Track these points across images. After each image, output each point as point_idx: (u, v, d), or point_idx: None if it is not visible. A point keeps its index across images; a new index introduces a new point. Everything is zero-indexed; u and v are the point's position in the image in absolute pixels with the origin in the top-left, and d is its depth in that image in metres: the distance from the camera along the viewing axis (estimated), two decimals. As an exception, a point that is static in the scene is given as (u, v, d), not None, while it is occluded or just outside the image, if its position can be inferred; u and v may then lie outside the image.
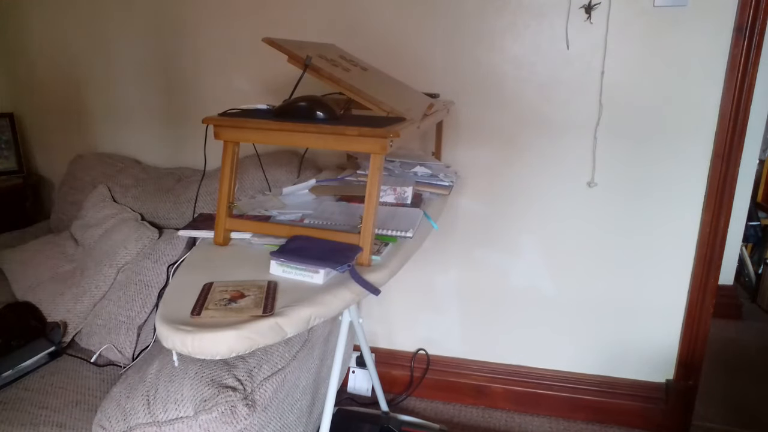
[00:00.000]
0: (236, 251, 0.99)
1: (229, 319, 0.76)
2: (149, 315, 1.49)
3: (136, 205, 1.75)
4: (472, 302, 1.85)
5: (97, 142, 2.08)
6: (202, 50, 1.85)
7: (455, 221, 1.78)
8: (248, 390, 1.05)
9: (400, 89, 1.27)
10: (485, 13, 1.58)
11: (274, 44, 1.01)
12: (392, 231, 1.04)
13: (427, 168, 1.39)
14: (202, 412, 0.98)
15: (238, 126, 0.95)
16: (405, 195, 1.21)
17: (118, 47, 1.93)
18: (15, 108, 2.11)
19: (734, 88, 1.47)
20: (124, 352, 1.47)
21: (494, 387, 1.88)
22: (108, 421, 1.02)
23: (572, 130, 1.61)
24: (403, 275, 1.88)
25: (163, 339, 0.75)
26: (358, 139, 0.88)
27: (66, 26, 1.95)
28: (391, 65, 1.69)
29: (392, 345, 1.97)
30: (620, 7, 1.49)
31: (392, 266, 0.94)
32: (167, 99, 1.95)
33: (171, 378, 1.04)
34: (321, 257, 0.87)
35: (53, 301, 1.57)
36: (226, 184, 1.00)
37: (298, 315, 0.78)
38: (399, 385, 1.96)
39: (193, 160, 1.99)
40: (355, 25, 1.68)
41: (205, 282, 0.87)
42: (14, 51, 2.05)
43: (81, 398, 1.33)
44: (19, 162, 2.09)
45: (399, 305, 1.92)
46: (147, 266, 1.51)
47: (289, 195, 1.27)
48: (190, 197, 1.67)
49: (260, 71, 1.81)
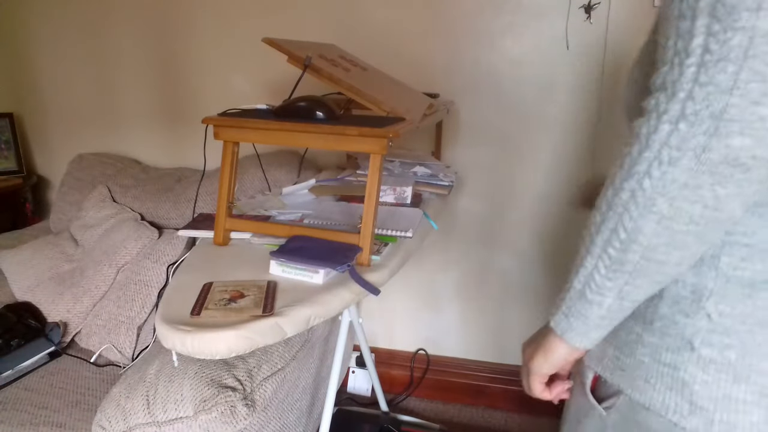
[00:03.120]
0: (236, 251, 0.99)
1: (229, 319, 0.76)
2: (149, 315, 1.49)
3: (136, 205, 1.74)
4: (472, 302, 1.85)
5: (97, 142, 2.08)
6: (202, 50, 1.85)
7: (455, 221, 1.78)
8: (248, 390, 1.05)
9: (400, 89, 1.27)
10: (485, 13, 1.58)
11: (274, 44, 1.01)
12: (392, 231, 1.04)
13: (427, 168, 1.39)
14: (201, 412, 0.98)
15: (238, 126, 0.95)
16: (405, 195, 1.21)
17: (118, 47, 1.93)
18: (15, 108, 2.11)
19: (734, 88, 1.47)
20: (124, 352, 1.47)
21: (494, 387, 1.88)
22: (108, 421, 1.02)
23: (572, 130, 1.61)
24: (403, 275, 1.88)
25: (163, 339, 0.75)
26: (358, 139, 0.88)
27: (66, 26, 1.95)
28: (391, 65, 1.69)
29: (392, 345, 1.97)
30: (620, 7, 1.49)
31: (392, 266, 0.94)
32: (167, 99, 1.95)
33: (171, 378, 1.03)
34: (321, 257, 0.87)
35: (53, 301, 1.57)
36: (226, 184, 1.00)
37: (297, 315, 0.78)
38: (399, 385, 1.96)
39: (193, 160, 1.99)
40: (355, 25, 1.68)
41: (205, 282, 0.86)
42: (14, 51, 2.05)
43: (81, 398, 1.33)
44: (19, 162, 2.09)
45: (399, 305, 1.92)
46: (147, 266, 1.50)
47: (289, 195, 1.27)
48: (190, 197, 1.67)
49: (260, 71, 1.81)
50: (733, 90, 0.39)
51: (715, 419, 0.49)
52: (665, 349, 0.52)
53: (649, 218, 0.45)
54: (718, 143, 0.40)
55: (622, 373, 0.56)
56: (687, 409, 0.50)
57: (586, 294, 0.52)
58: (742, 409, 0.48)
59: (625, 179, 0.46)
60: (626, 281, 0.49)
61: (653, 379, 0.53)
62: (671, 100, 0.42)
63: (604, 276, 0.50)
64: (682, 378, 0.51)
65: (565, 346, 0.56)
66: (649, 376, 0.53)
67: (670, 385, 0.51)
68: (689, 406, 0.50)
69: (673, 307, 0.52)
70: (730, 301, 0.49)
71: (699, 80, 0.40)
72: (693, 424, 0.50)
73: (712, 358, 0.49)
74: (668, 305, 0.52)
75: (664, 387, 0.52)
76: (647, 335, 0.54)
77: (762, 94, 0.38)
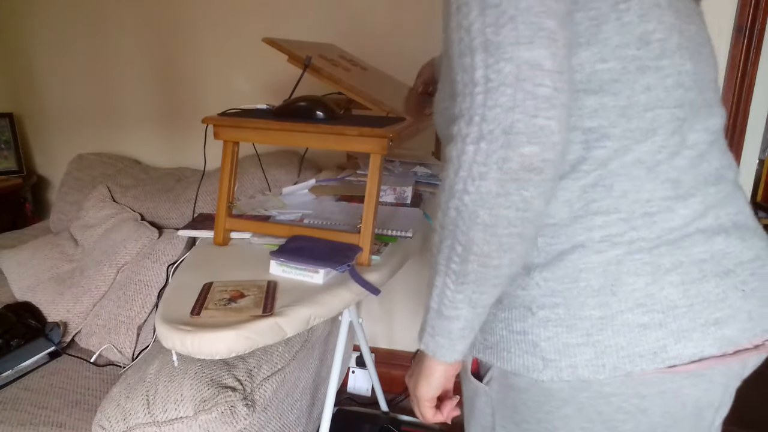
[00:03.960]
0: (236, 251, 0.99)
1: (229, 319, 0.76)
2: (149, 315, 1.49)
3: (136, 205, 1.74)
4: (472, 302, 1.85)
5: (97, 142, 2.08)
6: (202, 50, 1.85)
7: (455, 221, 1.78)
8: (248, 390, 1.05)
9: (400, 89, 1.27)
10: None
11: (274, 44, 1.01)
12: (392, 231, 1.04)
13: (427, 168, 1.39)
14: (201, 412, 0.98)
15: (238, 126, 0.95)
16: (405, 195, 1.21)
17: (119, 47, 1.93)
18: (15, 108, 2.11)
19: (734, 88, 1.47)
20: (124, 352, 1.47)
21: (494, 387, 1.88)
22: (108, 421, 1.02)
23: (572, 130, 1.61)
24: (403, 275, 1.88)
25: (163, 339, 0.75)
26: (358, 139, 0.88)
27: (66, 27, 1.95)
28: (391, 65, 1.69)
29: (392, 345, 1.97)
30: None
31: (392, 266, 0.94)
32: (167, 99, 1.95)
33: (171, 378, 1.03)
34: (321, 257, 0.87)
35: (53, 301, 1.57)
36: (226, 184, 1.00)
37: (297, 315, 0.78)
38: (399, 385, 1.96)
39: (193, 160, 1.99)
40: (355, 25, 1.68)
41: (205, 282, 0.87)
42: (14, 51, 2.05)
43: (81, 398, 1.33)
44: (19, 162, 2.09)
45: (399, 305, 1.92)
46: (147, 266, 1.50)
47: (289, 195, 1.27)
48: (190, 197, 1.67)
49: (260, 71, 1.81)
50: (514, 108, 0.47)
51: (561, 366, 0.58)
52: (514, 320, 0.61)
53: (477, 229, 0.51)
54: (514, 153, 0.47)
55: (491, 350, 0.64)
56: (541, 365, 0.59)
57: (443, 311, 0.58)
58: (577, 351, 0.57)
59: (449, 199, 0.52)
60: (473, 290, 0.55)
61: (512, 348, 0.61)
62: (469, 124, 0.49)
63: (453, 290, 0.56)
64: (532, 340, 0.59)
65: (440, 364, 0.62)
66: (509, 346, 0.62)
67: (525, 349, 0.60)
68: (542, 362, 0.59)
69: (513, 284, 0.61)
70: (550, 269, 0.58)
71: (487, 104, 0.48)
72: (548, 376, 0.58)
73: (548, 317, 0.58)
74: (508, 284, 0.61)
75: (521, 351, 0.60)
76: (499, 312, 0.63)
77: (536, 108, 0.47)
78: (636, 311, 0.56)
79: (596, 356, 0.57)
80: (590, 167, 0.56)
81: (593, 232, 0.57)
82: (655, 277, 0.56)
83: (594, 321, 0.57)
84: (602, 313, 0.57)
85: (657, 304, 0.56)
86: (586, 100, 0.55)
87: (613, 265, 0.56)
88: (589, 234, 0.57)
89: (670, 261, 0.56)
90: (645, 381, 0.57)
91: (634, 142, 0.55)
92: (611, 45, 0.53)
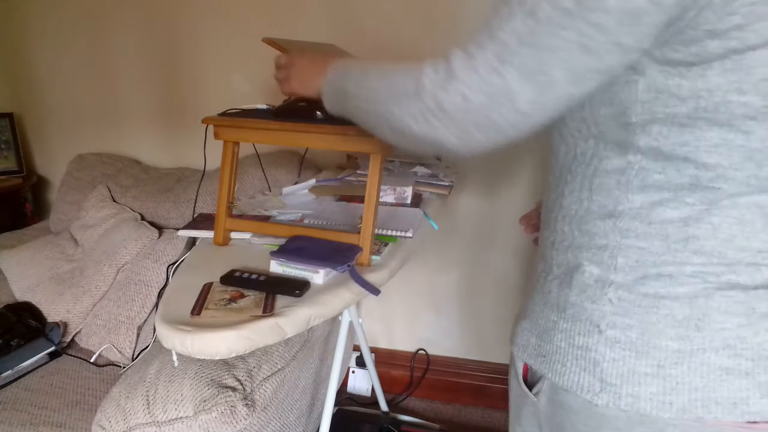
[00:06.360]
0: (236, 251, 0.99)
1: (229, 319, 0.76)
2: (149, 315, 1.49)
3: (136, 205, 1.74)
4: (472, 302, 1.85)
5: (97, 142, 2.07)
6: (202, 50, 1.85)
7: (455, 221, 1.78)
8: (248, 390, 1.05)
9: (400, 89, 1.26)
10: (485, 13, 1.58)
11: (274, 44, 1.01)
12: (392, 231, 1.04)
13: (427, 168, 1.39)
14: (201, 412, 0.98)
15: (238, 126, 0.95)
16: (405, 195, 1.21)
17: (119, 47, 1.93)
18: (15, 108, 2.11)
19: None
20: (124, 352, 1.47)
21: (494, 387, 1.88)
22: (108, 421, 1.02)
23: (572, 130, 1.61)
24: (403, 275, 1.88)
25: (163, 339, 0.75)
26: (358, 139, 0.88)
27: (66, 26, 1.95)
28: (391, 65, 1.69)
29: (392, 345, 1.97)
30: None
31: (392, 266, 0.94)
32: (167, 99, 1.95)
33: (171, 378, 1.03)
34: (321, 257, 0.87)
35: (53, 301, 1.57)
36: (226, 184, 0.99)
37: (297, 315, 0.78)
38: (399, 385, 1.96)
39: (193, 160, 1.98)
40: (355, 25, 1.68)
41: (205, 282, 0.86)
42: (14, 51, 2.05)
43: (81, 398, 1.33)
44: (19, 162, 2.09)
45: (399, 305, 1.92)
46: (147, 266, 1.50)
47: (289, 195, 1.27)
48: (190, 197, 1.67)
49: (260, 71, 1.81)
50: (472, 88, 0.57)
51: (622, 393, 0.54)
52: (577, 334, 0.58)
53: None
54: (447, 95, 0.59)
55: (543, 359, 0.61)
56: (598, 387, 0.55)
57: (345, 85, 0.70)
58: (643, 381, 0.53)
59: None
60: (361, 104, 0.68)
61: (569, 362, 0.58)
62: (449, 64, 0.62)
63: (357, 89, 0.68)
64: (593, 358, 0.56)
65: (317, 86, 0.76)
66: (565, 359, 0.58)
67: (583, 366, 0.56)
68: (600, 383, 0.55)
69: (581, 295, 0.58)
70: (628, 288, 0.55)
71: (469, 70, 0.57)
72: (604, 400, 0.55)
73: (616, 338, 0.55)
74: (576, 294, 0.58)
75: (578, 368, 0.57)
76: (561, 322, 0.59)
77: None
78: (721, 353, 0.51)
79: (664, 391, 0.52)
80: (695, 200, 0.51)
81: (686, 267, 0.52)
82: (750, 319, 0.51)
83: (670, 353, 0.52)
84: (681, 346, 0.52)
85: (748, 350, 0.50)
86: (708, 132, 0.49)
87: (701, 298, 0.52)
88: (681, 268, 0.52)
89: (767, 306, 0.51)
90: (718, 431, 0.51)
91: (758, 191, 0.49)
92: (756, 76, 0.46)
